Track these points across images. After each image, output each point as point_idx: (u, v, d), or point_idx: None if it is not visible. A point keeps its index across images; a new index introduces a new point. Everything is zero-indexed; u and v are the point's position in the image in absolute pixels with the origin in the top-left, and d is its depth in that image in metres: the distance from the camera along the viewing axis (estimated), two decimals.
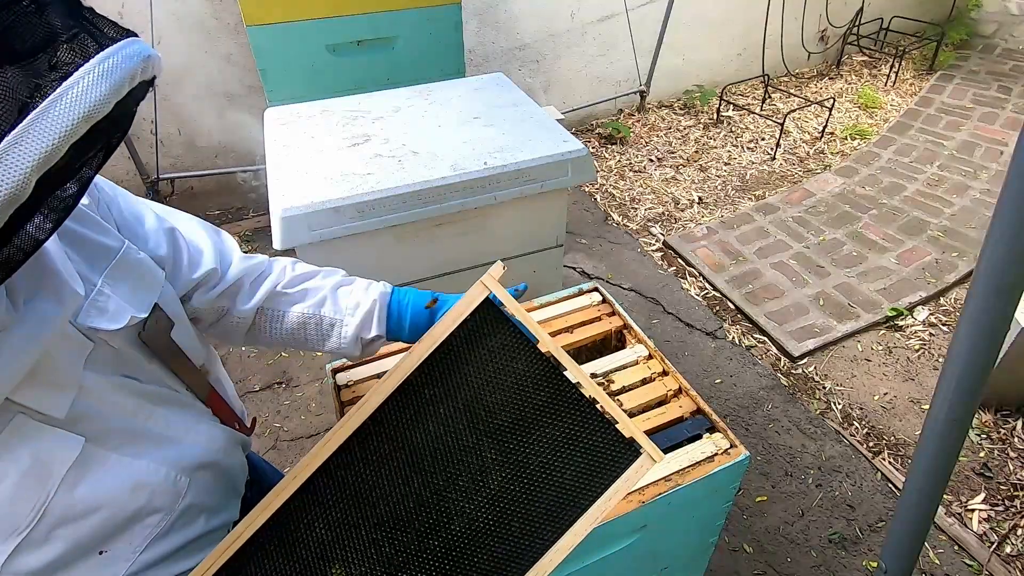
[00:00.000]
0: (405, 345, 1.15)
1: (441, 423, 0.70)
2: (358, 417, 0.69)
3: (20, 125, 0.39)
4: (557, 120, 1.67)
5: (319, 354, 2.60)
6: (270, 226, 1.36)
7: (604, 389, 1.21)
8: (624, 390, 1.21)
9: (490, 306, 0.73)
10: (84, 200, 0.69)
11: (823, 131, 4.21)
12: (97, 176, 0.74)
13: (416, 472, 0.68)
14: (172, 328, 0.76)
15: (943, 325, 2.74)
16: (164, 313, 0.75)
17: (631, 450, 0.67)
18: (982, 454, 2.21)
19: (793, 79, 5.03)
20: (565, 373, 0.70)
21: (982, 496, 2.08)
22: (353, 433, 0.69)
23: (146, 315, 0.70)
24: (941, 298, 2.88)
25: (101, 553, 0.65)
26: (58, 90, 0.41)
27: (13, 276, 0.46)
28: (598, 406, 0.68)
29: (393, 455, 0.69)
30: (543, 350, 0.71)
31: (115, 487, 0.65)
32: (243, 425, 0.95)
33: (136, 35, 0.47)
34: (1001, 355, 2.11)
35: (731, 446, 1.09)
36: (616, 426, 0.68)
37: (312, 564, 0.68)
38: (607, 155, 4.12)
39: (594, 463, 0.68)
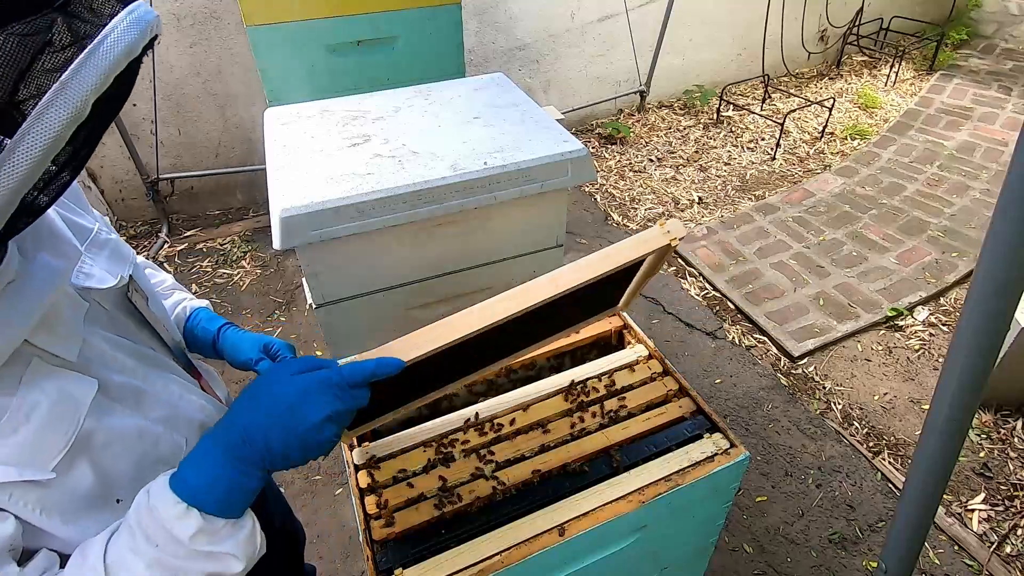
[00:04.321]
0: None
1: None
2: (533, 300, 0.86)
3: (84, 52, 0.47)
4: (557, 120, 1.66)
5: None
6: (270, 226, 1.36)
7: (606, 389, 1.21)
8: (624, 390, 1.21)
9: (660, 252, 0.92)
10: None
11: (823, 131, 4.21)
12: None
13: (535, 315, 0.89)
14: (148, 301, 0.85)
15: (943, 325, 2.74)
16: (139, 285, 0.84)
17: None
18: (982, 454, 2.21)
19: (793, 79, 5.02)
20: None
21: (982, 496, 2.08)
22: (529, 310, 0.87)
23: (127, 280, 0.79)
24: (941, 298, 2.88)
25: (118, 501, 0.69)
26: (105, 29, 0.48)
27: (22, 233, 0.53)
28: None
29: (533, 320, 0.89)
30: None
31: (125, 431, 0.70)
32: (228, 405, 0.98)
33: None
34: (1001, 355, 2.11)
35: (731, 446, 1.09)
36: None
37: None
38: (607, 155, 4.11)
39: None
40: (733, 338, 2.72)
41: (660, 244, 0.88)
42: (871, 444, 2.27)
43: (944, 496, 2.03)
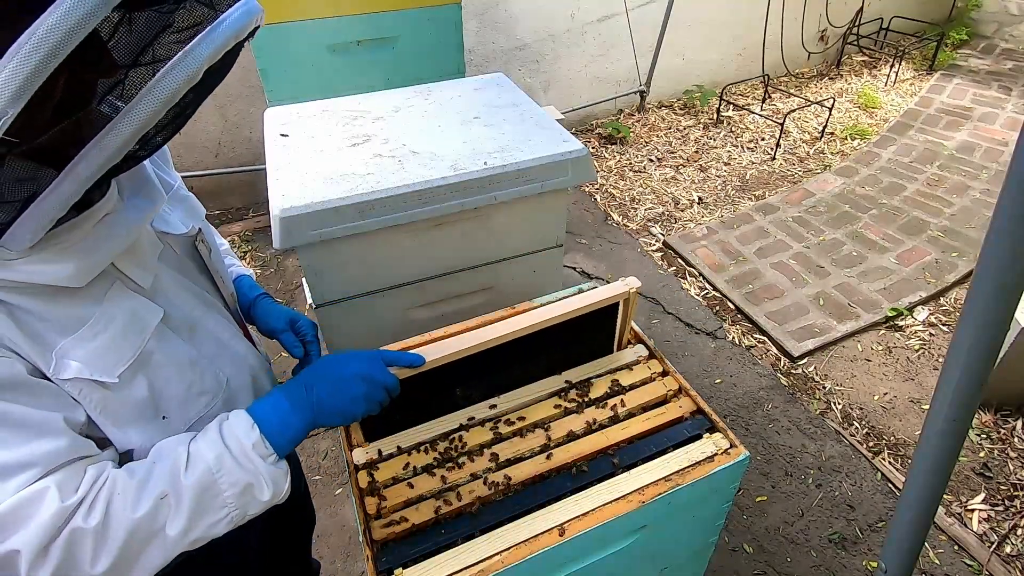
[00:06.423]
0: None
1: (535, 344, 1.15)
2: (501, 336, 1.08)
3: (207, 29, 0.58)
4: (557, 120, 1.66)
5: None
6: (270, 226, 1.36)
7: (606, 389, 1.21)
8: (624, 390, 1.21)
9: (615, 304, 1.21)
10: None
11: (823, 131, 4.21)
12: None
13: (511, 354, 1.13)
14: (211, 253, 0.96)
15: (943, 325, 2.74)
16: (206, 238, 0.96)
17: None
18: (982, 454, 2.21)
19: (793, 79, 5.03)
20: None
21: (982, 496, 2.08)
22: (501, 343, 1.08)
23: (196, 232, 0.93)
24: (941, 298, 2.88)
25: (164, 418, 0.81)
26: (224, 14, 0.60)
27: (123, 179, 0.75)
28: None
29: (504, 353, 1.10)
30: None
31: (179, 357, 0.82)
32: (269, 364, 1.09)
33: None
34: (1001, 355, 2.11)
35: (731, 446, 1.09)
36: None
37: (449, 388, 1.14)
38: (607, 155, 4.12)
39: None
40: (733, 338, 2.72)
41: (620, 291, 1.19)
42: (871, 444, 2.27)
43: (944, 496, 2.03)
